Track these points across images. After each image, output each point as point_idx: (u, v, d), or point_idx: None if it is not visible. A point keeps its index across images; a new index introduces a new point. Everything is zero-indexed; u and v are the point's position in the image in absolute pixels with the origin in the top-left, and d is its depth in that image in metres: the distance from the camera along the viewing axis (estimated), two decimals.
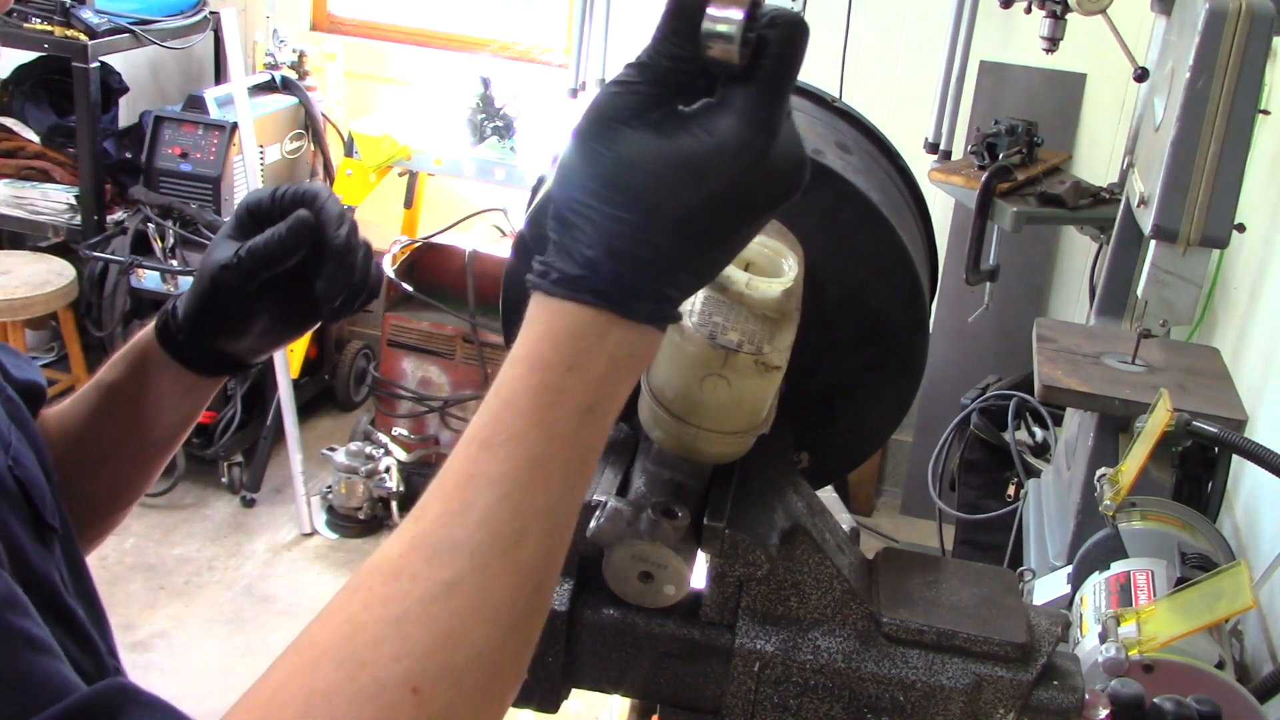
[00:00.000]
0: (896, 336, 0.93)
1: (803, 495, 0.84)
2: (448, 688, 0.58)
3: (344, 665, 0.58)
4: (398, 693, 0.57)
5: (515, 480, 0.61)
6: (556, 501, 0.62)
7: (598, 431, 0.63)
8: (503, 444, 0.61)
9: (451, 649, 0.59)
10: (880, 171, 0.98)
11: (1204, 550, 1.58)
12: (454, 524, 0.60)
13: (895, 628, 0.80)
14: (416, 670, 0.58)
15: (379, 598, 0.59)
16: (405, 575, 0.60)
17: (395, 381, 3.99)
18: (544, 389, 0.61)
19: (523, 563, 0.61)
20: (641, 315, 0.62)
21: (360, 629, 0.59)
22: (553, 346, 0.61)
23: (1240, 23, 1.76)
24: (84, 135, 3.66)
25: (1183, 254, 1.81)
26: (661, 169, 0.59)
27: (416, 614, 0.59)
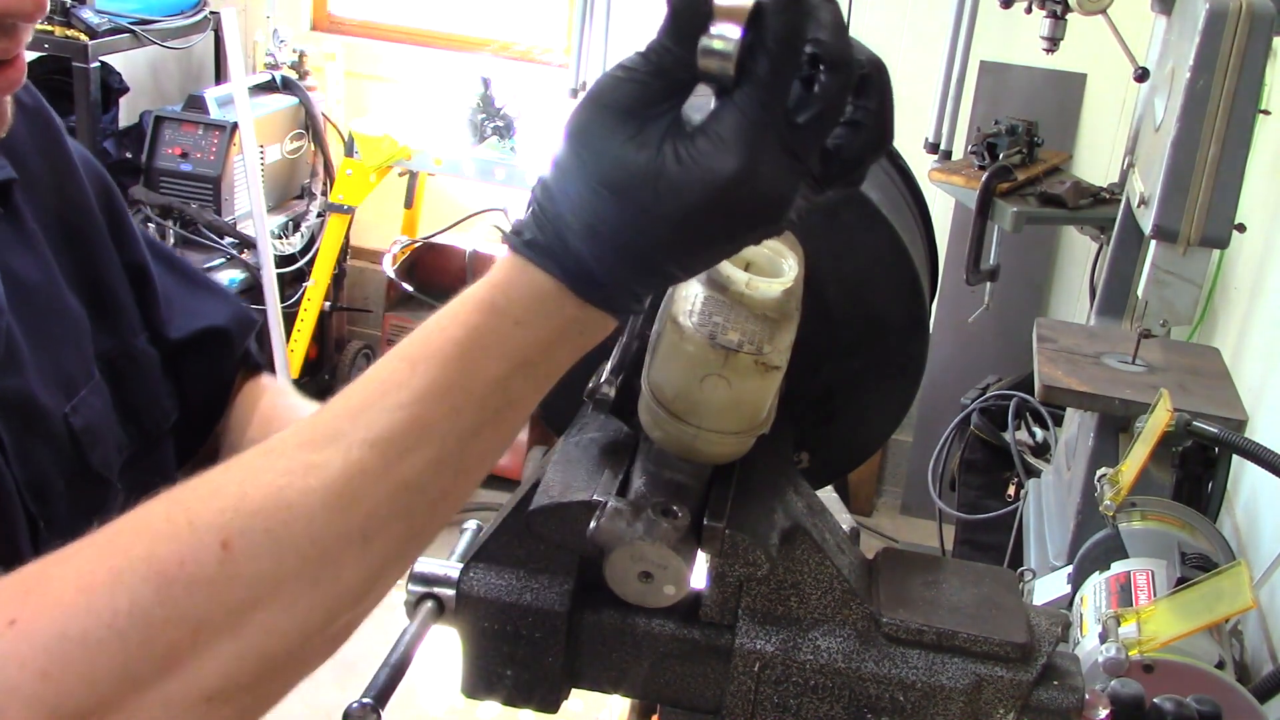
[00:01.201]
0: (896, 337, 0.93)
1: (803, 495, 0.84)
2: (263, 555, 0.56)
3: (170, 508, 0.57)
4: (204, 539, 0.55)
5: (422, 398, 0.60)
6: (459, 433, 0.61)
7: (527, 388, 0.63)
8: (422, 360, 0.61)
9: (283, 523, 0.57)
10: (880, 171, 0.98)
11: (1204, 550, 1.58)
12: (345, 419, 0.60)
13: (895, 628, 0.80)
14: (236, 526, 0.56)
15: (242, 463, 0.59)
16: (275, 449, 0.59)
17: None
18: (484, 331, 0.61)
19: (401, 476, 0.59)
20: (600, 301, 0.62)
21: (204, 482, 0.58)
22: (506, 298, 0.61)
23: (1240, 23, 1.76)
24: (84, 135, 3.66)
25: (1183, 254, 1.81)
26: (645, 174, 0.59)
27: (265, 481, 0.57)
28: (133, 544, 0.55)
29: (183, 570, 0.54)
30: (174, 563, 0.54)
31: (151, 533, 0.56)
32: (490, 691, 0.82)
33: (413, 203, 4.23)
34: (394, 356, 0.62)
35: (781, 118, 0.58)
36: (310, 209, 4.10)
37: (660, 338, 0.75)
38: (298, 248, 4.01)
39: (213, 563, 0.55)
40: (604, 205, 0.59)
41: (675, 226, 0.59)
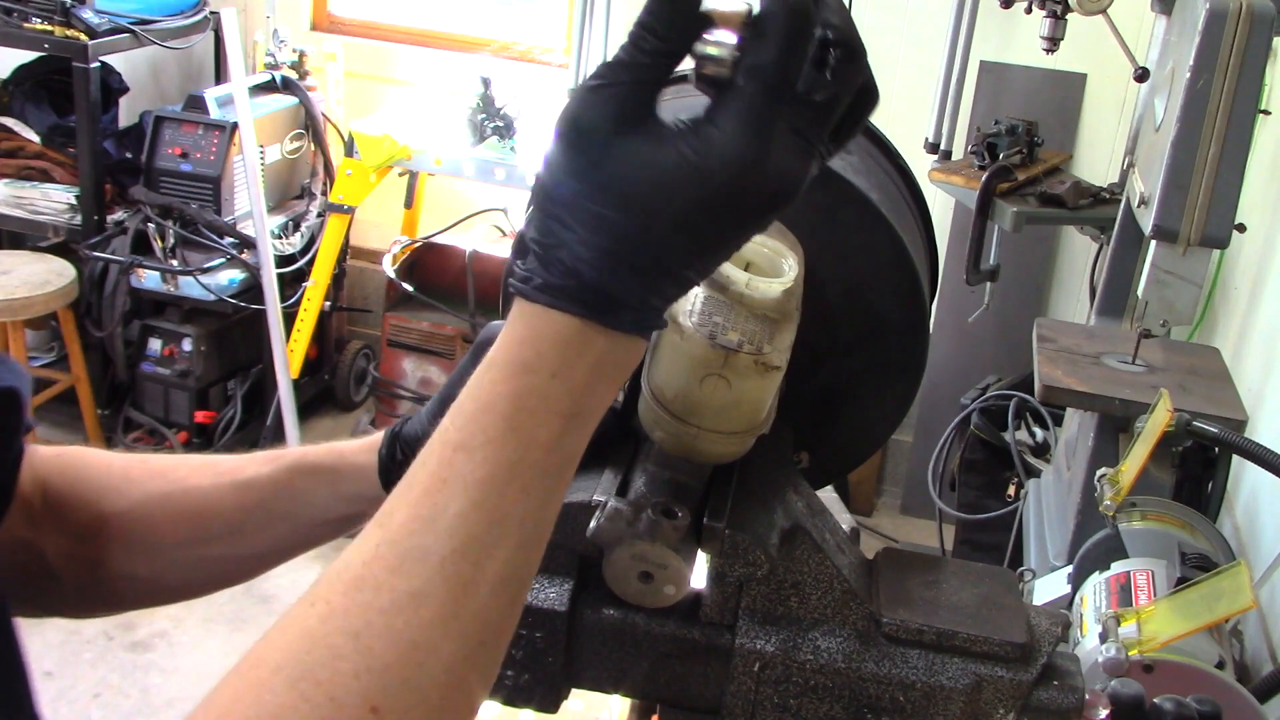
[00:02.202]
0: (896, 336, 0.93)
1: (803, 495, 0.84)
2: (410, 705, 0.55)
3: (298, 684, 0.53)
4: (355, 711, 0.53)
5: (490, 486, 0.58)
6: (533, 510, 0.59)
7: (578, 439, 0.61)
8: (480, 448, 0.58)
9: (415, 665, 0.55)
10: (880, 171, 0.98)
11: (1204, 550, 1.58)
12: (423, 530, 0.57)
13: (895, 628, 0.80)
14: (376, 688, 0.54)
15: (338, 609, 0.55)
16: (368, 585, 0.56)
17: (395, 381, 3.99)
18: (525, 394, 0.59)
19: (495, 574, 0.58)
20: (626, 325, 0.60)
21: (316, 644, 0.54)
22: (535, 353, 0.59)
23: (1240, 23, 1.76)
24: (84, 135, 3.66)
25: (1183, 254, 1.81)
26: (652, 177, 0.57)
27: (379, 627, 0.55)
28: None
29: None
30: None
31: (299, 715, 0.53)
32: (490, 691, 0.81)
33: (413, 203, 4.23)
34: (446, 446, 0.59)
35: (790, 102, 0.58)
36: (310, 209, 4.10)
37: (660, 338, 0.75)
38: (298, 248, 4.01)
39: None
40: (613, 224, 0.57)
41: (690, 227, 0.58)
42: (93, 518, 0.87)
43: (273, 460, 0.90)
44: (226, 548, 0.90)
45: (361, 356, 4.45)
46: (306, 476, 0.89)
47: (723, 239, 0.61)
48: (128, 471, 0.91)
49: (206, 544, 0.89)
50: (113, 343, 3.83)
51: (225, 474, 0.90)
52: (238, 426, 3.92)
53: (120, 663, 3.08)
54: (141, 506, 0.89)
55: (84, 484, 0.88)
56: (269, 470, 0.90)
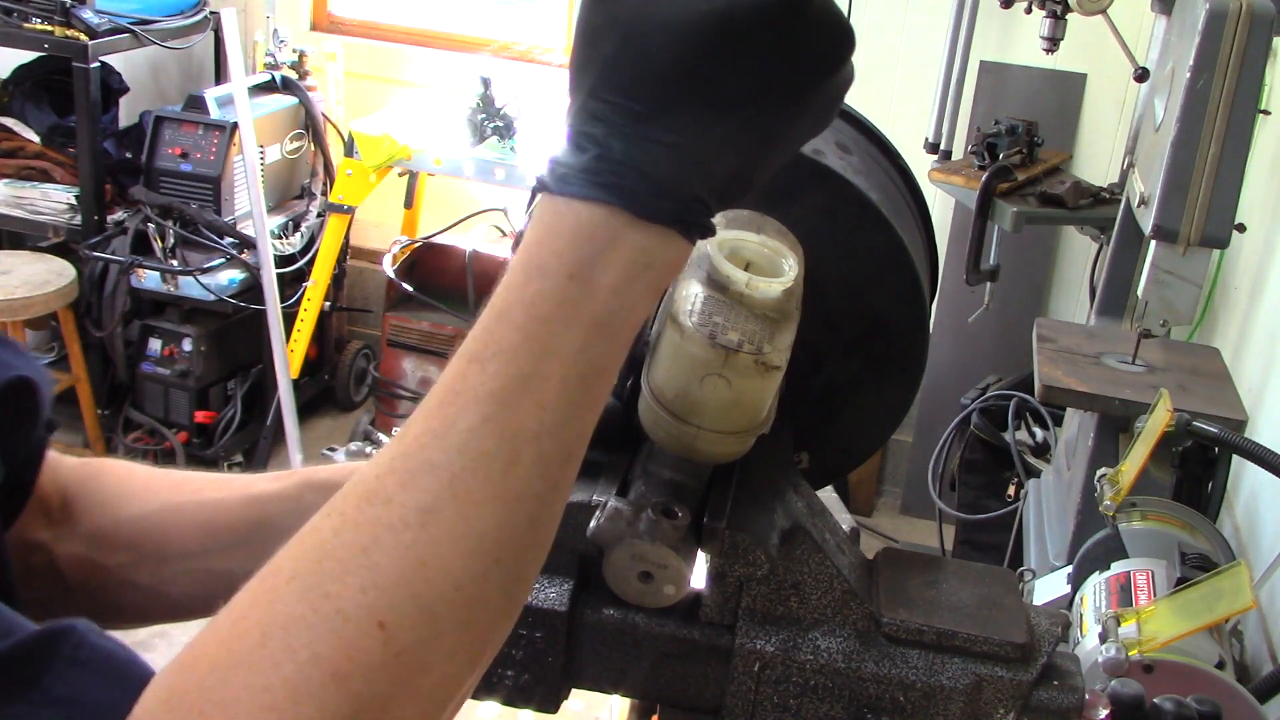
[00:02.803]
0: (896, 336, 0.93)
1: (803, 495, 0.84)
2: (418, 623, 0.53)
3: (307, 595, 0.52)
4: (362, 626, 0.52)
5: (502, 399, 0.55)
6: (554, 425, 0.56)
7: (609, 350, 0.57)
8: (492, 358, 0.55)
9: (424, 581, 0.53)
10: (880, 171, 0.98)
11: (1204, 550, 1.58)
12: (434, 445, 0.55)
13: (895, 628, 0.80)
14: (384, 604, 0.52)
15: (350, 522, 0.54)
16: (379, 499, 0.54)
17: (395, 381, 3.99)
18: (541, 299, 0.55)
19: (511, 490, 0.55)
20: (663, 215, 0.55)
21: (328, 556, 0.53)
22: (553, 252, 0.55)
23: (1240, 23, 1.76)
24: (84, 135, 3.66)
25: (1183, 254, 1.81)
26: (688, 33, 0.53)
27: (388, 542, 0.53)
28: (292, 646, 0.51)
29: (353, 663, 0.52)
30: (343, 658, 0.52)
31: (307, 630, 0.52)
32: (490, 691, 0.82)
33: (413, 203, 4.23)
34: (461, 357, 0.56)
35: None
36: (310, 209, 4.10)
37: (660, 337, 0.75)
38: (298, 248, 4.01)
39: (377, 648, 0.52)
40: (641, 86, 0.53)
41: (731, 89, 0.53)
42: (107, 523, 0.87)
43: (283, 477, 0.90)
44: (233, 562, 0.88)
45: (361, 357, 4.45)
46: (317, 492, 0.87)
47: (773, 115, 0.56)
48: (149, 482, 0.90)
49: (212, 556, 0.88)
50: (113, 343, 3.83)
51: (237, 488, 0.90)
52: (238, 426, 3.92)
53: None
54: (156, 515, 0.88)
55: (103, 490, 0.88)
56: (278, 486, 0.89)
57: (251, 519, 0.88)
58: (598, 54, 0.55)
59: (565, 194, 0.55)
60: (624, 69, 0.54)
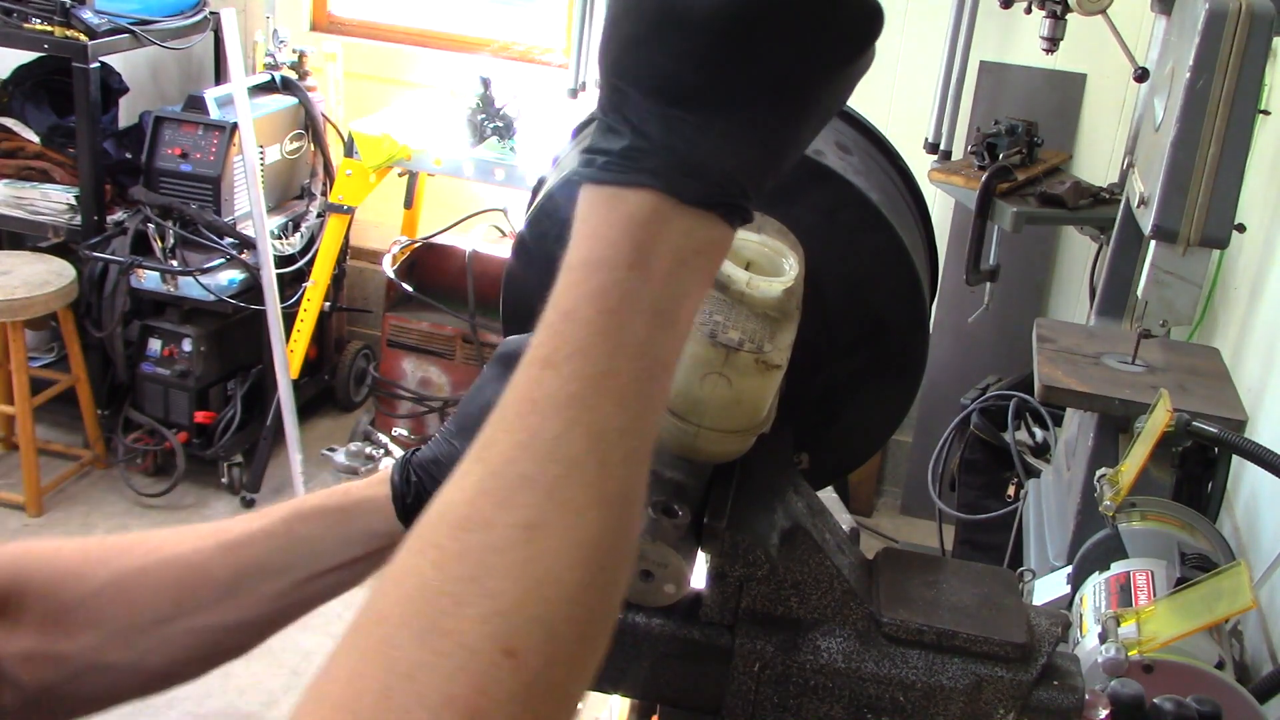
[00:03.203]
0: (896, 337, 0.93)
1: (803, 495, 0.84)
2: (543, 644, 0.51)
3: (426, 638, 0.50)
4: (490, 658, 0.49)
5: (584, 401, 0.53)
6: (634, 421, 0.54)
7: (669, 342, 0.56)
8: (567, 360, 0.53)
9: (543, 600, 0.51)
10: (880, 172, 0.98)
11: (1204, 550, 1.58)
12: (524, 458, 0.53)
13: (895, 628, 0.80)
14: (506, 630, 0.50)
15: (452, 554, 0.51)
16: (477, 524, 0.52)
17: (395, 382, 3.99)
18: (605, 291, 0.53)
19: (607, 493, 0.54)
20: (705, 199, 0.54)
21: (436, 593, 0.51)
22: (609, 242, 0.54)
23: (1240, 23, 1.76)
24: (84, 135, 3.66)
25: (1183, 254, 1.81)
26: (724, 15, 0.52)
27: (498, 566, 0.51)
28: (421, 693, 0.49)
29: (487, 698, 0.49)
30: (476, 694, 0.49)
31: (433, 673, 0.49)
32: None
33: (412, 203, 4.23)
34: (534, 364, 0.54)
35: None
36: (310, 209, 4.10)
37: None
38: (297, 248, 4.01)
39: (508, 678, 0.50)
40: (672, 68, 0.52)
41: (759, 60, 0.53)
42: (52, 609, 0.79)
43: (262, 516, 0.83)
44: (218, 616, 0.81)
45: (361, 357, 4.45)
46: (307, 522, 0.83)
47: (804, 88, 0.55)
48: (85, 554, 0.82)
49: (194, 614, 0.81)
50: (112, 343, 3.83)
51: (209, 536, 0.82)
52: (238, 427, 3.92)
53: None
54: (113, 586, 0.80)
55: (39, 574, 0.80)
56: (262, 524, 0.83)
57: (235, 566, 0.81)
58: (632, 38, 0.54)
59: (610, 183, 0.54)
60: (659, 52, 0.53)
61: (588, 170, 0.55)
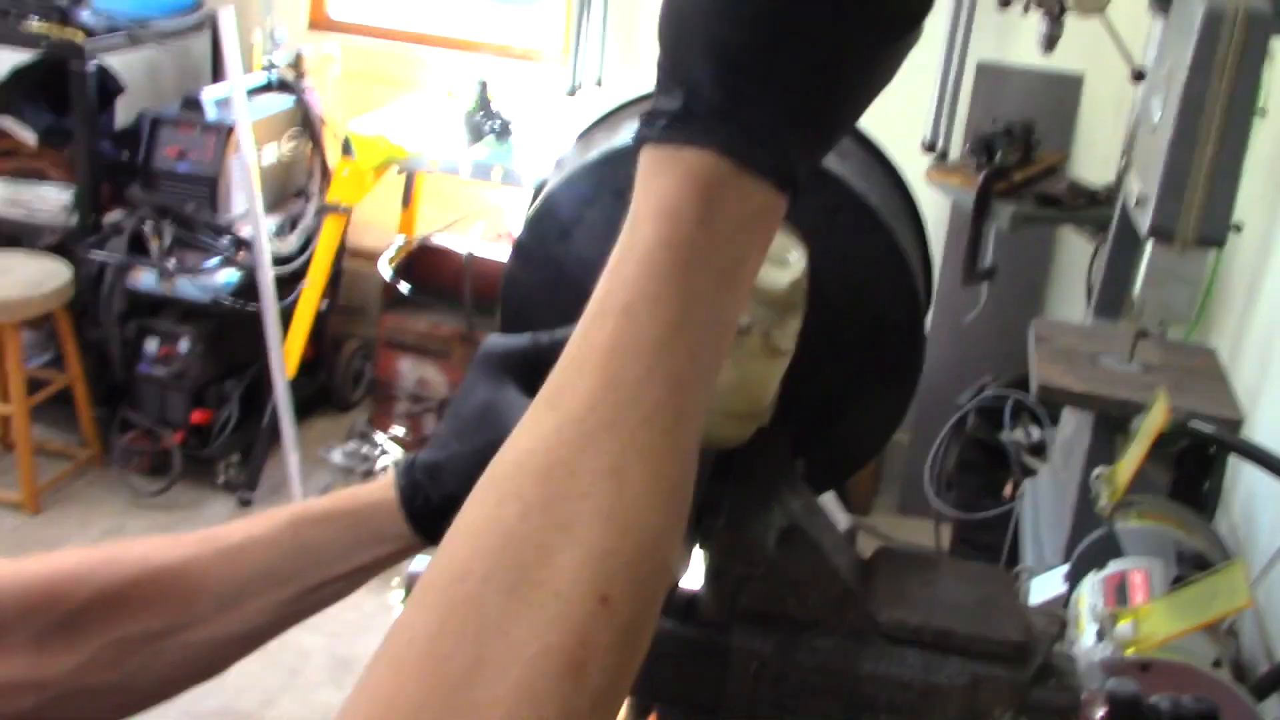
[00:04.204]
0: (894, 341, 0.94)
1: (800, 495, 0.84)
2: (635, 592, 0.50)
3: (518, 589, 0.48)
4: (586, 605, 0.48)
5: (662, 346, 0.52)
6: (701, 374, 0.54)
7: (731, 303, 0.55)
8: (644, 307, 0.53)
9: (635, 546, 0.50)
10: (876, 178, 0.98)
11: (1200, 549, 1.59)
12: (604, 403, 0.52)
13: (892, 627, 0.80)
14: (602, 576, 0.49)
15: (536, 503, 0.50)
16: (561, 472, 0.51)
17: (392, 381, 3.99)
18: (678, 243, 0.53)
19: (682, 441, 0.53)
20: (760, 165, 0.54)
21: (524, 542, 0.49)
22: (676, 196, 0.54)
23: (1238, 24, 1.77)
24: (81, 135, 3.66)
25: (1180, 254, 1.82)
26: None
27: (586, 512, 0.50)
28: (516, 646, 0.47)
29: (586, 647, 0.48)
30: (575, 644, 0.48)
31: (528, 625, 0.47)
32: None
33: (410, 203, 4.23)
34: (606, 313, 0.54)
35: None
36: (307, 209, 4.10)
37: None
38: (294, 248, 4.01)
39: (604, 627, 0.48)
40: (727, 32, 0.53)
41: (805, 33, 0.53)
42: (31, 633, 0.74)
43: (265, 520, 0.80)
44: (216, 628, 0.77)
45: (358, 356, 4.45)
46: (316, 527, 0.79)
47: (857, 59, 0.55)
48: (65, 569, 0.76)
49: (190, 629, 0.76)
50: (109, 343, 3.83)
51: (206, 543, 0.78)
52: (234, 427, 3.92)
53: None
54: (99, 603, 0.75)
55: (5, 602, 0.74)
56: (264, 530, 0.78)
57: (236, 575, 0.77)
58: (691, 5, 0.55)
59: (671, 142, 0.54)
60: (716, 18, 0.54)
61: (649, 131, 0.55)
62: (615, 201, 0.85)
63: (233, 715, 2.96)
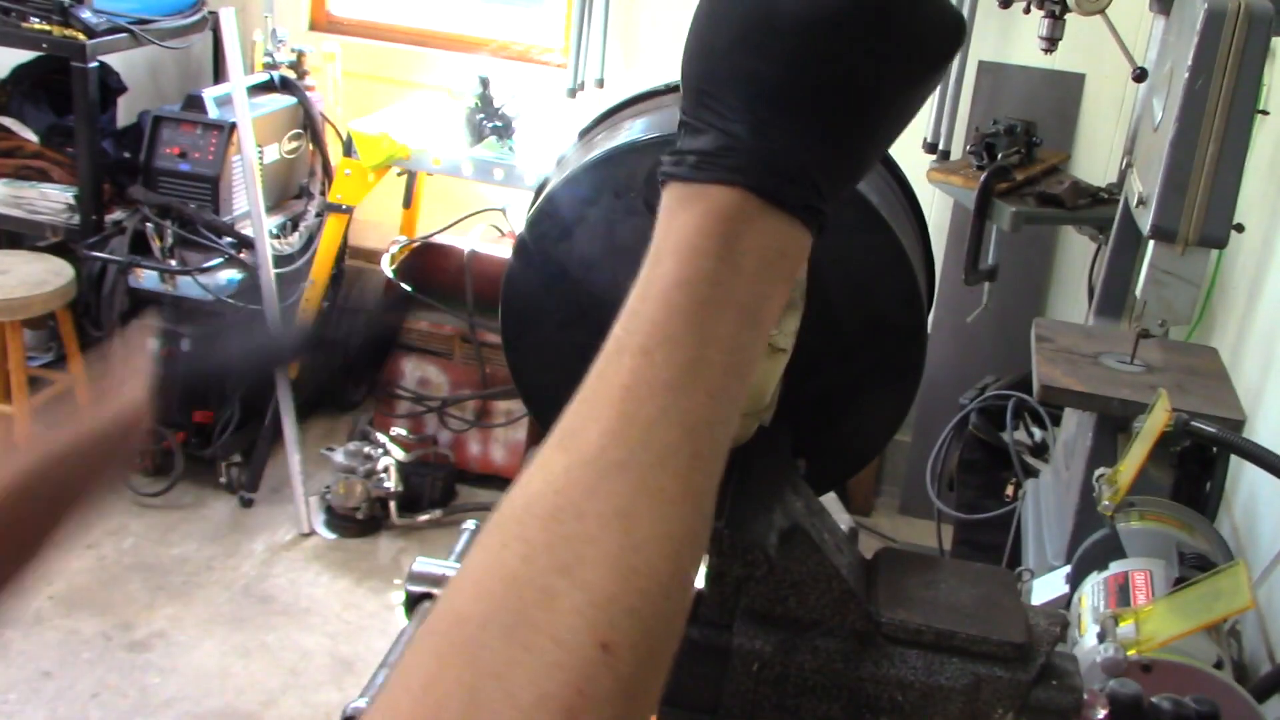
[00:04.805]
0: (895, 340, 0.93)
1: (801, 495, 0.84)
2: (638, 638, 0.48)
3: (514, 633, 0.47)
4: (585, 653, 0.47)
5: (677, 390, 0.52)
6: (720, 414, 0.53)
7: (753, 341, 0.55)
8: (658, 346, 0.52)
9: (638, 592, 0.49)
10: (879, 179, 0.98)
11: (1202, 550, 1.58)
12: (615, 445, 0.51)
13: (894, 627, 0.80)
14: (603, 622, 0.48)
15: (540, 546, 0.49)
16: (568, 514, 0.50)
17: (394, 381, 3.98)
18: (697, 281, 0.53)
19: (695, 485, 0.52)
20: (789, 201, 0.54)
21: (526, 587, 0.48)
22: (700, 234, 0.53)
23: (1239, 23, 1.76)
24: (82, 135, 3.66)
25: (1181, 254, 1.81)
26: (814, 23, 0.53)
27: (591, 556, 0.49)
28: (512, 692, 0.46)
29: (584, 696, 0.47)
30: (572, 693, 0.46)
31: (525, 671, 0.46)
32: None
33: (411, 203, 4.23)
34: (623, 352, 0.53)
35: None
36: (309, 209, 4.10)
37: None
38: (296, 247, 4.01)
39: (605, 675, 0.47)
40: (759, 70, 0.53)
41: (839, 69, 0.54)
42: None
43: None
44: None
45: None
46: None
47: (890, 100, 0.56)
48: None
49: None
50: (111, 342, 3.83)
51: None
52: (236, 426, 3.92)
53: (119, 662, 3.07)
54: None
55: None
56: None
57: None
58: (720, 42, 0.55)
59: (699, 180, 0.54)
60: (746, 55, 0.54)
61: (677, 169, 0.55)
62: (615, 201, 0.85)
63: (233, 715, 2.96)
